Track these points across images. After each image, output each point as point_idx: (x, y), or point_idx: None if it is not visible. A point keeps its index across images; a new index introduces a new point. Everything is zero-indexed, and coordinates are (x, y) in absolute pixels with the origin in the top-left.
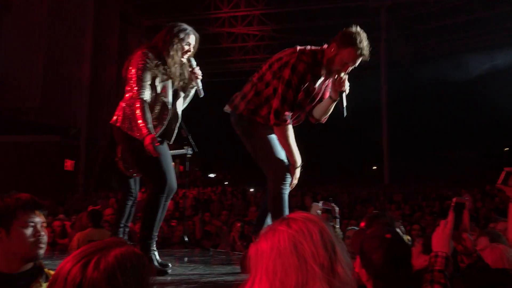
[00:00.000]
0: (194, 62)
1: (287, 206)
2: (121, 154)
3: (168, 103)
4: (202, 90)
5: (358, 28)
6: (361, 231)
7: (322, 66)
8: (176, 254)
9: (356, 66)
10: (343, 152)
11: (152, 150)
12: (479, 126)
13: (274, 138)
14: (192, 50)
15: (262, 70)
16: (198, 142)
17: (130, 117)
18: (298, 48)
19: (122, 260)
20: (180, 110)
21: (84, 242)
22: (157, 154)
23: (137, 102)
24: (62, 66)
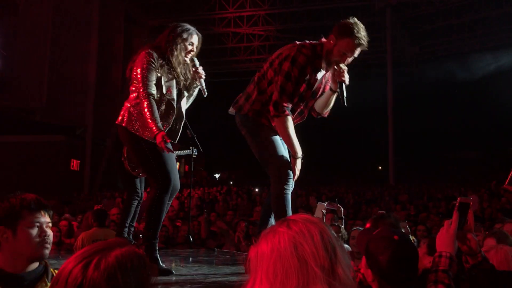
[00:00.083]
0: (197, 62)
1: (290, 206)
2: (126, 154)
3: (173, 103)
4: (206, 90)
5: (355, 19)
6: (366, 232)
7: (322, 58)
8: (181, 254)
9: (355, 56)
10: (348, 152)
11: (164, 147)
12: (485, 126)
13: (278, 139)
14: (195, 50)
15: (264, 69)
16: (204, 142)
17: (135, 117)
18: (297, 42)
19: (123, 260)
20: (184, 110)
21: (88, 242)
22: (169, 151)
23: (144, 102)
24: (68, 66)
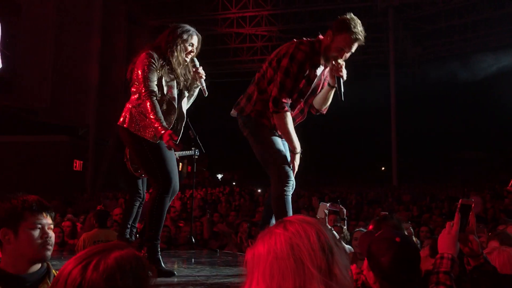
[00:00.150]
0: (197, 62)
1: (290, 207)
2: (129, 155)
3: (174, 102)
4: (206, 90)
5: (352, 14)
6: (369, 234)
7: (320, 55)
8: (183, 255)
9: (352, 51)
10: (351, 153)
11: (173, 145)
12: (488, 126)
13: (279, 140)
14: (195, 51)
15: (263, 68)
16: (206, 143)
17: (137, 118)
18: (295, 40)
19: (122, 262)
20: (185, 110)
21: (90, 243)
22: (179, 149)
23: (147, 102)
24: (71, 66)
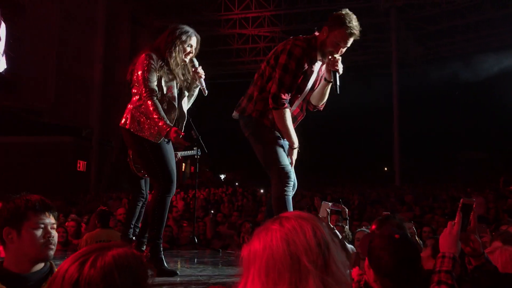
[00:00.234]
0: (196, 62)
1: (291, 207)
2: (131, 155)
3: (174, 102)
4: (206, 89)
5: (347, 10)
6: (371, 234)
7: (317, 50)
8: (185, 255)
9: (348, 46)
10: (354, 153)
11: (182, 141)
12: (490, 126)
13: (280, 142)
14: (194, 51)
15: (262, 68)
16: (209, 143)
17: (138, 119)
18: (291, 37)
19: (120, 259)
20: (186, 110)
21: (92, 243)
22: (188, 144)
23: (148, 102)
24: (74, 67)
